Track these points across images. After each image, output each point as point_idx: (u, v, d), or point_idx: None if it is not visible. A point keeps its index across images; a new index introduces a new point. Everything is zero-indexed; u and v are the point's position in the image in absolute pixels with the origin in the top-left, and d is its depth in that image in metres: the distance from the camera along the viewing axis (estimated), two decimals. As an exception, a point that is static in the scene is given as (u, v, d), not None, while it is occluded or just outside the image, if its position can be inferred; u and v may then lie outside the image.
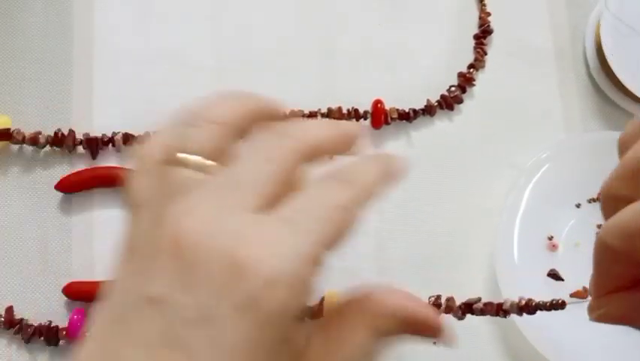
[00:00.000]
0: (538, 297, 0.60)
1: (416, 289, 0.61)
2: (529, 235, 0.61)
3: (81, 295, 0.58)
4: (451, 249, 0.62)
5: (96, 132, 0.60)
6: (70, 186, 0.59)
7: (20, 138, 0.59)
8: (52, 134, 0.59)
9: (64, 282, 0.58)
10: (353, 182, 0.31)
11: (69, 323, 0.55)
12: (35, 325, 0.56)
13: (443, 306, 0.56)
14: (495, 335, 0.61)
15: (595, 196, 0.62)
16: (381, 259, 0.62)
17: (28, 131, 0.59)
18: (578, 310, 0.60)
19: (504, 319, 0.57)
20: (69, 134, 0.60)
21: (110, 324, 0.29)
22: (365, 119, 0.63)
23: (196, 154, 0.31)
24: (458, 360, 0.60)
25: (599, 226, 0.62)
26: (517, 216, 0.61)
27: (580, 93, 0.67)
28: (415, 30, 0.67)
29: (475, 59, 0.66)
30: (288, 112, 0.59)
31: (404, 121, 0.63)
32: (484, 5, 0.67)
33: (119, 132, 0.60)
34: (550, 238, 0.61)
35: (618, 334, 0.60)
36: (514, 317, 0.58)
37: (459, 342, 0.60)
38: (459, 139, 0.65)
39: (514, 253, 0.60)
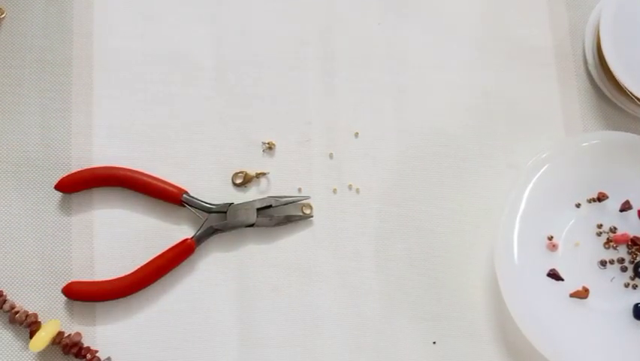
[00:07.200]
0: (538, 297, 0.60)
1: (416, 289, 0.61)
2: (529, 235, 0.60)
3: (81, 295, 0.58)
4: (451, 249, 0.62)
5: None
6: (70, 186, 0.59)
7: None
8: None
9: (64, 282, 0.58)
10: None
11: None
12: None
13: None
14: (495, 335, 0.61)
15: (595, 196, 0.62)
16: (381, 259, 0.62)
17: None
18: (578, 310, 0.60)
19: (504, 318, 0.57)
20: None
21: None
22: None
23: None
24: (458, 360, 0.60)
25: (599, 226, 0.62)
26: (517, 216, 0.61)
27: (580, 93, 0.67)
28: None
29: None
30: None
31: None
32: None
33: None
34: (550, 238, 0.61)
35: (618, 333, 0.60)
36: (514, 317, 0.58)
37: (459, 342, 0.61)
38: (459, 139, 0.65)
39: (514, 253, 0.60)
